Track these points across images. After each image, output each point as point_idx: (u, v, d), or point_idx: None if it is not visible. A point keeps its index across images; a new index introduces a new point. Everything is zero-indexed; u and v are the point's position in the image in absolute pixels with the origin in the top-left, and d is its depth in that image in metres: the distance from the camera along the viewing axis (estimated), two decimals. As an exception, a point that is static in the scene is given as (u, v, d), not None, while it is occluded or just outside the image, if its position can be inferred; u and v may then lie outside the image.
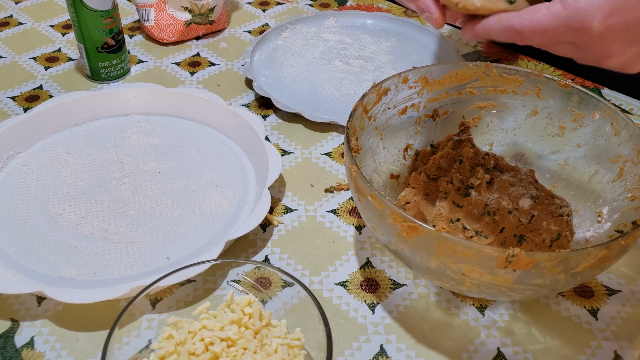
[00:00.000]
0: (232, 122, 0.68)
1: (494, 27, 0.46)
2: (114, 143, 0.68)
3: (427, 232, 0.41)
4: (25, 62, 0.82)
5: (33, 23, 0.91)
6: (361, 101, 0.52)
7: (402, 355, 0.48)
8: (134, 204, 0.60)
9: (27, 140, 0.66)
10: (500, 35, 0.46)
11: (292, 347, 0.43)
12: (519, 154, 0.60)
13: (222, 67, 0.82)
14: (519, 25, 0.44)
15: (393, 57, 0.85)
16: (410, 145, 0.60)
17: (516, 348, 0.49)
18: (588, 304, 0.52)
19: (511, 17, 0.45)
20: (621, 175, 0.52)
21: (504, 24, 0.45)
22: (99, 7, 0.72)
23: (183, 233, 0.57)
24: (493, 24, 0.46)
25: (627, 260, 0.56)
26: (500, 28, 0.45)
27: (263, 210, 0.55)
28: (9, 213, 0.59)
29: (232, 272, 0.48)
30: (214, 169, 0.64)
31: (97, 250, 0.55)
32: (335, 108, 0.75)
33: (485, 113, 0.60)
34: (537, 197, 0.53)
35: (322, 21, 0.91)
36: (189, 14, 0.85)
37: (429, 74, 0.57)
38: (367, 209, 0.46)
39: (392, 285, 0.53)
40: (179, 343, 0.42)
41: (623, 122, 0.51)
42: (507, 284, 0.42)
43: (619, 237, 0.41)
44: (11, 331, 0.49)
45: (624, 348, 0.49)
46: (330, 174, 0.65)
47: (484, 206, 0.52)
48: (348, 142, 0.48)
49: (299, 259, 0.56)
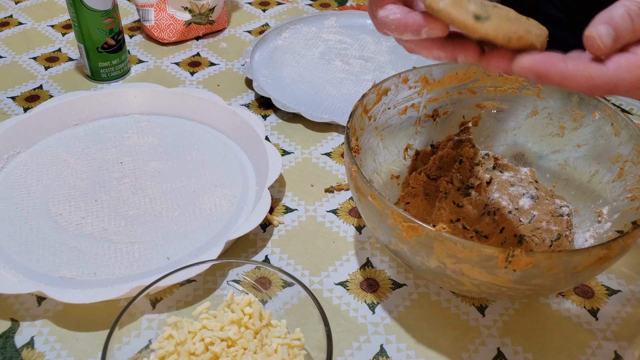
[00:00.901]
0: (232, 122, 0.68)
1: (578, 79, 0.36)
2: (114, 143, 0.68)
3: (427, 232, 0.41)
4: (25, 62, 0.82)
5: (33, 23, 0.91)
6: (361, 101, 0.52)
7: (402, 355, 0.48)
8: (134, 204, 0.60)
9: (27, 140, 0.66)
10: (584, 90, 0.37)
11: (292, 347, 0.43)
12: (519, 154, 0.60)
13: (222, 67, 0.82)
14: (614, 85, 0.36)
15: (393, 57, 0.85)
16: (410, 145, 0.60)
17: (516, 348, 0.49)
18: (588, 304, 0.52)
19: (602, 73, 0.36)
20: (621, 175, 0.52)
21: (594, 82, 0.36)
22: (99, 7, 0.72)
23: (183, 233, 0.57)
24: (577, 76, 0.36)
25: (627, 260, 0.56)
26: (589, 85, 0.36)
27: (263, 210, 0.55)
28: (9, 213, 0.59)
29: (232, 272, 0.48)
30: (214, 169, 0.64)
31: (97, 250, 0.55)
32: (335, 108, 0.75)
33: (485, 113, 0.60)
34: (537, 197, 0.53)
35: (322, 21, 0.91)
36: (189, 14, 0.85)
37: (429, 74, 0.57)
38: (367, 209, 0.46)
39: (392, 285, 0.53)
40: (179, 343, 0.42)
41: (623, 122, 0.51)
42: (507, 284, 0.42)
43: (619, 237, 0.41)
44: (11, 331, 0.49)
45: (624, 348, 0.49)
46: (330, 174, 0.65)
47: (484, 206, 0.52)
48: (348, 142, 0.48)
49: (299, 259, 0.56)
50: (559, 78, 0.36)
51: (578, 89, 0.37)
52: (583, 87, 0.36)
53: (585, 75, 0.36)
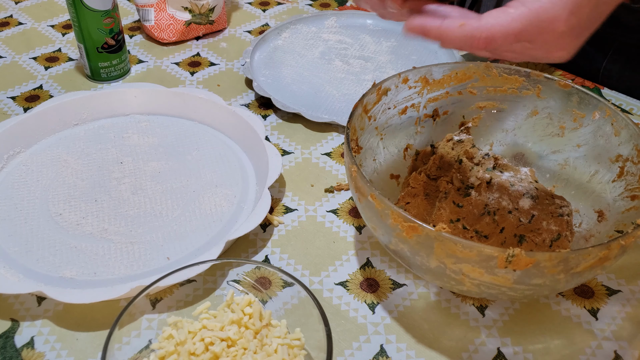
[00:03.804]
0: (232, 122, 0.68)
1: (455, 33, 0.40)
2: (114, 143, 0.68)
3: (427, 232, 0.41)
4: (25, 62, 0.82)
5: (33, 23, 0.91)
6: (361, 101, 0.52)
7: (402, 355, 0.48)
8: (134, 204, 0.60)
9: (27, 140, 0.66)
10: (462, 44, 0.41)
11: (292, 347, 0.43)
12: (519, 154, 0.60)
13: (222, 67, 0.82)
14: (488, 31, 0.39)
15: (393, 57, 0.85)
16: (410, 145, 0.60)
17: (516, 348, 0.49)
18: (588, 304, 0.52)
19: (476, 24, 0.40)
20: (621, 175, 0.52)
21: (468, 31, 0.40)
22: (99, 7, 0.72)
23: (183, 233, 0.57)
24: (453, 30, 0.40)
25: (627, 260, 0.56)
26: (464, 35, 0.40)
27: (263, 210, 0.55)
28: (9, 213, 0.59)
29: (232, 272, 0.48)
30: (214, 169, 0.64)
31: (97, 250, 0.55)
32: (335, 108, 0.75)
33: (485, 113, 0.60)
34: (537, 197, 0.53)
35: (322, 21, 0.91)
36: (189, 14, 0.85)
37: (429, 74, 0.57)
38: (367, 209, 0.46)
39: (392, 285, 0.53)
40: (179, 343, 0.42)
41: (623, 122, 0.51)
42: (507, 284, 0.42)
43: (619, 237, 0.41)
44: (11, 331, 0.49)
45: (624, 348, 0.49)
46: (330, 174, 0.65)
47: (484, 206, 0.52)
48: (348, 142, 0.48)
49: (299, 259, 0.56)
50: (437, 34, 0.41)
51: (456, 44, 0.41)
52: (460, 42, 0.41)
53: (460, 29, 0.40)
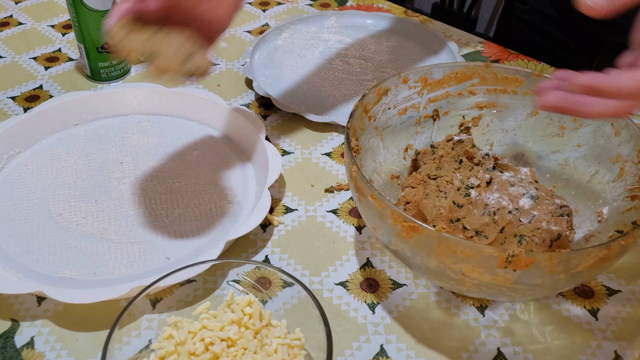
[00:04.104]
0: (232, 122, 0.68)
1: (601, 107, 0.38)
2: (114, 143, 0.68)
3: (427, 232, 0.41)
4: (25, 62, 0.82)
5: (33, 23, 0.91)
6: (361, 101, 0.52)
7: (402, 355, 0.48)
8: (134, 204, 0.60)
9: (27, 140, 0.66)
10: None
11: (292, 347, 0.43)
12: (519, 154, 0.60)
13: (222, 67, 0.82)
14: None
15: (393, 57, 0.85)
16: (410, 145, 0.60)
17: (516, 348, 0.49)
18: (588, 304, 0.52)
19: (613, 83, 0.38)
20: (621, 175, 0.52)
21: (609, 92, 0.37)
22: (99, 7, 0.72)
23: (183, 233, 0.57)
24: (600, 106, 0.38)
25: (627, 260, 0.56)
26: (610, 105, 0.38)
27: (263, 210, 0.55)
28: (9, 213, 0.59)
29: (232, 272, 0.48)
30: (214, 169, 0.64)
31: (97, 250, 0.55)
32: (335, 108, 0.75)
33: (485, 113, 0.60)
34: (537, 197, 0.53)
35: (322, 21, 0.91)
36: (189, 14, 0.85)
37: (429, 74, 0.57)
38: (367, 209, 0.46)
39: (392, 285, 0.53)
40: (179, 343, 0.42)
41: (623, 122, 0.51)
42: (507, 284, 0.42)
43: (619, 237, 0.41)
44: (11, 331, 0.49)
45: (624, 348, 0.49)
46: (330, 174, 0.65)
47: (484, 206, 0.52)
48: (348, 142, 0.48)
49: (299, 259, 0.56)
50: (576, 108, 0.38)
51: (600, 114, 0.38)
52: (603, 110, 0.38)
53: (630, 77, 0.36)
